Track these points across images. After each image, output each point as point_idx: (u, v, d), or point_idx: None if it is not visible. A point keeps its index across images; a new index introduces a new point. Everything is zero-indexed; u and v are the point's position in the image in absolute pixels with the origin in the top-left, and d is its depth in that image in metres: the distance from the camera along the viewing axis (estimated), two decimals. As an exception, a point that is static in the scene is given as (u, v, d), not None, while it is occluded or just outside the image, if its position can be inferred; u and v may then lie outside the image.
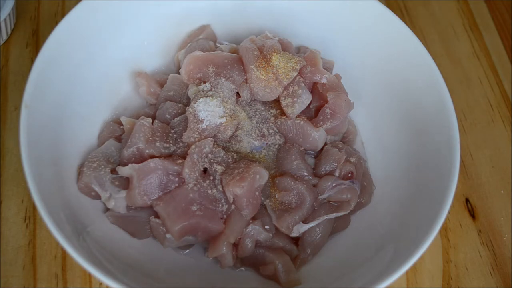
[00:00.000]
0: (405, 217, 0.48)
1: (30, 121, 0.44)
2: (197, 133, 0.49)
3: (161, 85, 0.54)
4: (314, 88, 0.53)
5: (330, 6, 0.56)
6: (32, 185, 0.41)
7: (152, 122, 0.50)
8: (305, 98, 0.51)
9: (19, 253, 0.49)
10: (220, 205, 0.48)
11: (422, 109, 0.52)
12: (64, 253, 0.50)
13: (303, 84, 0.51)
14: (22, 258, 0.49)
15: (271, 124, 0.52)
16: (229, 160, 0.49)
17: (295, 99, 0.50)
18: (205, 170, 0.49)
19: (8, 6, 0.57)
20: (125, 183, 0.48)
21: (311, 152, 0.53)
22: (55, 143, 0.47)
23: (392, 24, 0.54)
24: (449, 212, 0.45)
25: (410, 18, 0.68)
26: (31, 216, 0.51)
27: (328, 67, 0.55)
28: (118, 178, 0.48)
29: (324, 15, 0.57)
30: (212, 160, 0.48)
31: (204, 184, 0.48)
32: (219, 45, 0.56)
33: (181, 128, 0.50)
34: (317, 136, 0.51)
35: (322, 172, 0.51)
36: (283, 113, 0.52)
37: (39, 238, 0.50)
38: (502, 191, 0.58)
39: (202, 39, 0.55)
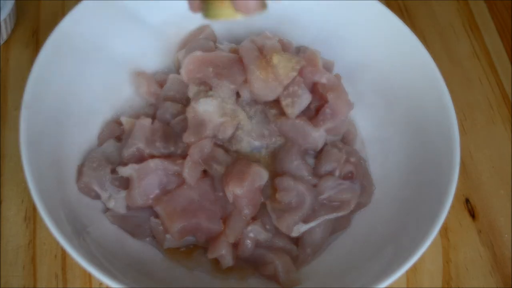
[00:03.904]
0: (405, 217, 0.48)
1: (30, 121, 0.44)
2: (197, 133, 0.49)
3: (161, 85, 0.54)
4: (314, 88, 0.53)
5: (330, 6, 0.56)
6: (32, 185, 0.41)
7: (152, 122, 0.50)
8: (305, 98, 0.51)
9: (19, 253, 0.49)
10: (220, 205, 0.48)
11: (422, 109, 0.52)
12: (64, 253, 0.50)
13: (303, 84, 0.51)
14: (22, 258, 0.49)
15: (271, 124, 0.52)
16: (229, 160, 0.49)
17: (295, 99, 0.50)
18: (205, 170, 0.49)
19: (8, 6, 0.57)
20: (125, 183, 0.48)
21: (311, 152, 0.53)
22: (55, 143, 0.47)
23: (392, 24, 0.54)
24: (449, 212, 0.45)
25: (410, 18, 0.68)
26: (31, 216, 0.51)
27: (328, 67, 0.55)
28: (118, 178, 0.48)
29: (323, 15, 0.57)
30: (212, 160, 0.48)
31: (204, 184, 0.48)
32: (219, 45, 0.56)
33: (181, 128, 0.50)
34: (317, 136, 0.51)
35: (322, 172, 0.51)
36: (283, 113, 0.52)
37: (39, 238, 0.50)
38: (502, 191, 0.58)
39: (202, 39, 0.55)
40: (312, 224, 0.49)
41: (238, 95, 0.52)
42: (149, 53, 0.57)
